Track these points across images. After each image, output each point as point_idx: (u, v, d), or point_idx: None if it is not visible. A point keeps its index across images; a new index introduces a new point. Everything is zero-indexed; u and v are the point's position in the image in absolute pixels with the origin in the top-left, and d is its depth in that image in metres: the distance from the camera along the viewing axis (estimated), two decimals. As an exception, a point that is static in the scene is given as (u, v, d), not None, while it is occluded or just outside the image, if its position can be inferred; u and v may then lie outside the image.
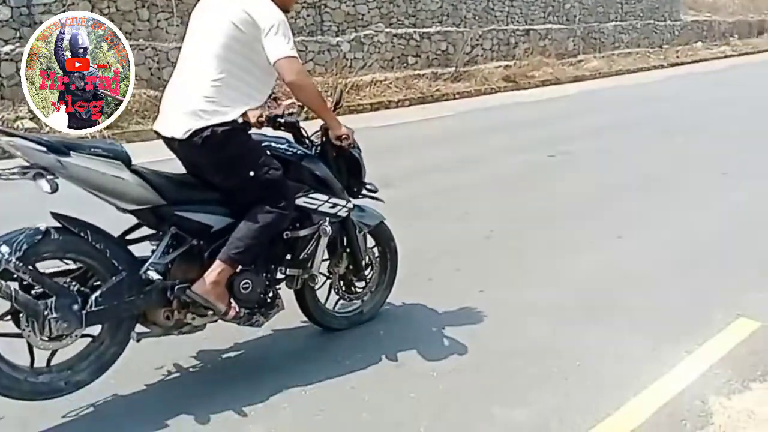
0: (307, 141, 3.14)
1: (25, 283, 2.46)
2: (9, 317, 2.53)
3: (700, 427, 2.64)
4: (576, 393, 2.86)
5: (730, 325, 3.46)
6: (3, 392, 2.49)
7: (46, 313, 2.46)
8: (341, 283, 3.41)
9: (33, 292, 2.49)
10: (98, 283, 2.61)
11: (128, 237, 2.82)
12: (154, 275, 2.64)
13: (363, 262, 3.38)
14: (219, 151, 2.71)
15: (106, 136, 7.62)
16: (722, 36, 24.57)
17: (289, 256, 3.08)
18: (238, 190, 2.82)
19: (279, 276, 3.07)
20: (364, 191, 3.32)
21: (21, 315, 2.49)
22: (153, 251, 2.75)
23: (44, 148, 2.40)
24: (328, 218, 3.07)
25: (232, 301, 2.85)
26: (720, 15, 25.46)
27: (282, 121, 3.12)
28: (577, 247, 4.64)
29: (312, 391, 2.88)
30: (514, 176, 6.78)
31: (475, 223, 5.20)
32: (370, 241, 3.50)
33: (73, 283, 2.57)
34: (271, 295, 3.04)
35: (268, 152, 2.88)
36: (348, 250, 3.32)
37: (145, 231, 2.85)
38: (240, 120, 2.77)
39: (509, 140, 8.64)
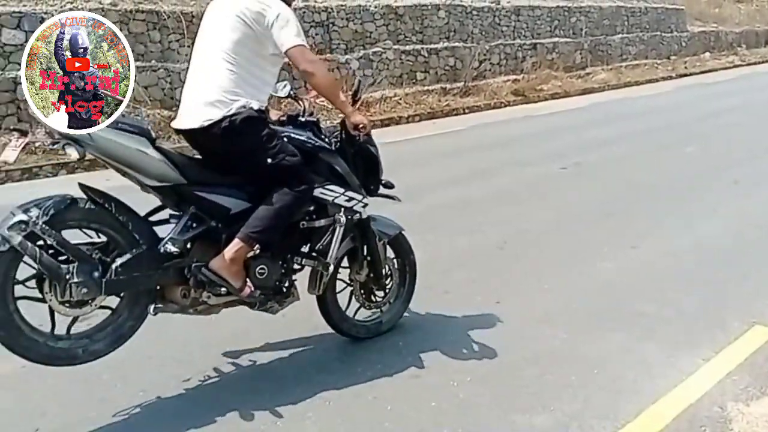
0: (326, 139, 3.19)
1: (49, 246, 2.53)
2: (34, 281, 2.60)
3: (719, 433, 2.67)
4: (595, 400, 2.89)
5: (746, 333, 3.49)
6: (21, 352, 2.56)
7: (68, 277, 2.53)
8: (362, 291, 3.47)
9: (57, 258, 2.56)
10: (120, 255, 2.67)
11: (152, 218, 2.89)
12: (171, 248, 2.71)
13: (383, 271, 3.44)
14: (237, 140, 2.79)
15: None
16: (730, 46, 24.59)
17: (305, 248, 3.14)
18: (258, 176, 2.89)
19: (295, 266, 3.13)
20: (381, 190, 3.37)
21: (45, 280, 2.57)
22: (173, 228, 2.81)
23: None
24: (343, 210, 3.12)
25: (248, 281, 2.91)
26: (726, 26, 25.48)
27: (302, 120, 3.18)
28: (591, 257, 4.67)
29: (335, 401, 2.93)
30: (527, 188, 6.83)
31: (488, 235, 5.25)
32: (390, 253, 3.55)
33: (96, 251, 2.64)
34: (286, 284, 3.10)
35: (285, 140, 2.94)
36: (369, 258, 3.38)
37: (168, 214, 2.92)
38: (256, 107, 2.84)
39: (520, 153, 8.70)
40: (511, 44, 16.61)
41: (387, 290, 3.53)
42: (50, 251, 2.54)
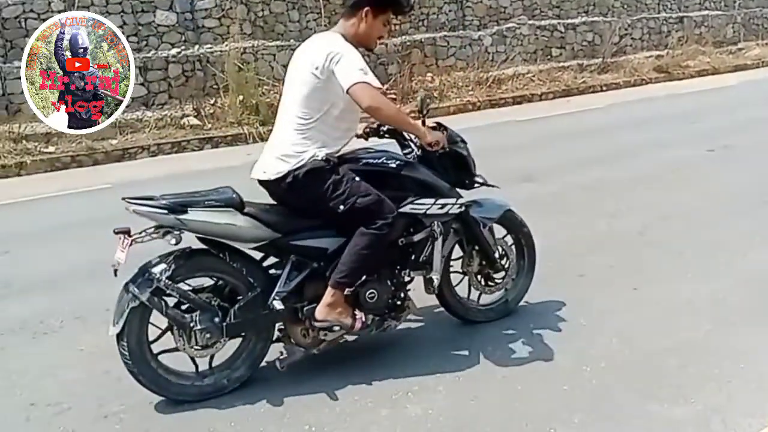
0: (411, 145, 3.16)
1: (174, 298, 2.80)
2: (167, 333, 2.88)
3: None
4: (740, 395, 2.74)
5: None
6: (175, 397, 2.86)
7: (192, 325, 2.79)
8: (479, 277, 3.47)
9: (181, 308, 2.83)
10: (237, 299, 2.88)
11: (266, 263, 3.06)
12: (278, 305, 2.87)
13: (495, 255, 3.41)
14: (304, 192, 2.85)
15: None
16: None
17: (413, 257, 3.15)
18: (337, 220, 2.92)
19: (406, 279, 3.17)
20: (476, 183, 3.31)
21: (174, 330, 2.84)
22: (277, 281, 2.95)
23: (165, 211, 2.72)
24: (437, 220, 3.10)
25: (357, 313, 2.98)
26: None
27: (384, 129, 3.18)
28: (740, 246, 4.39)
29: (464, 378, 2.97)
30: (669, 172, 6.48)
31: (627, 219, 5.05)
32: (501, 231, 3.51)
33: (215, 298, 2.88)
34: (401, 297, 3.16)
35: (356, 178, 2.91)
36: (476, 247, 3.37)
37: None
38: (322, 156, 2.85)
39: (663, 134, 8.27)
40: (656, 18, 15.73)
41: (506, 270, 3.49)
42: (175, 303, 2.81)
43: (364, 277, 2.99)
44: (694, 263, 4.16)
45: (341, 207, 2.84)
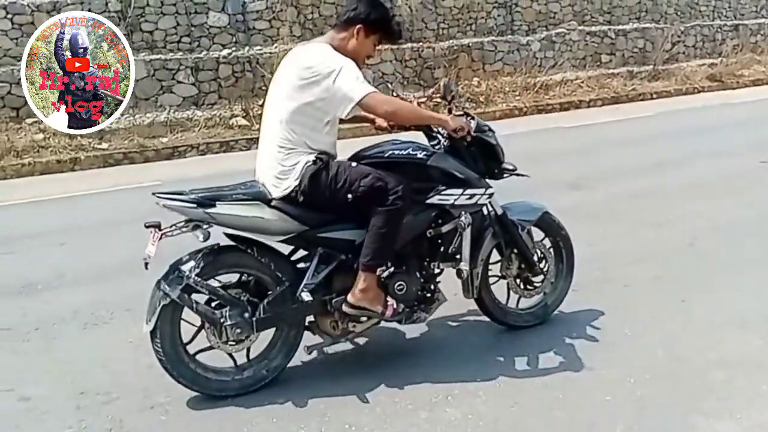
0: (438, 136, 3.15)
1: (204, 295, 2.84)
2: (201, 332, 2.93)
3: None
4: (792, 414, 2.67)
5: None
6: (218, 393, 2.91)
7: (222, 320, 2.82)
8: (518, 281, 3.44)
9: (211, 305, 2.87)
10: (266, 294, 2.91)
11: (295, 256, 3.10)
12: (306, 297, 2.88)
13: (534, 258, 3.38)
14: (314, 195, 2.84)
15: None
16: None
17: (441, 249, 3.12)
18: (349, 210, 2.91)
19: (435, 271, 3.16)
20: (506, 172, 3.25)
21: (206, 327, 2.88)
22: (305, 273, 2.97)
23: (194, 204, 2.77)
24: (466, 210, 3.07)
25: (389, 300, 2.99)
26: None
27: None
28: (793, 261, 4.26)
29: (505, 384, 2.96)
30: (721, 182, 6.32)
31: (676, 230, 4.95)
32: (539, 234, 3.47)
33: (244, 293, 2.92)
34: (430, 289, 3.14)
35: (352, 164, 2.91)
36: (515, 250, 3.34)
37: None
38: (313, 159, 2.85)
39: (715, 143, 8.08)
40: (710, 25, 15.37)
41: (545, 273, 3.46)
42: (206, 300, 2.85)
43: (392, 268, 2.98)
44: (744, 276, 4.05)
45: (349, 196, 2.83)
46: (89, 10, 9.47)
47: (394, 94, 3.25)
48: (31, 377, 3.19)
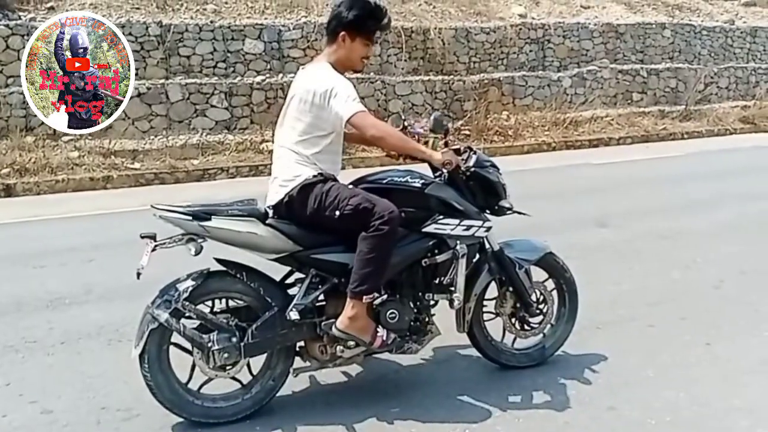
0: (441, 167, 3.12)
1: (192, 320, 2.86)
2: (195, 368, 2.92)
3: None
4: (818, 466, 2.61)
5: None
6: (234, 417, 2.91)
7: (210, 345, 2.82)
8: (513, 320, 3.37)
9: (200, 329, 2.88)
10: (255, 319, 2.92)
11: (288, 280, 3.11)
12: (294, 315, 2.87)
13: (531, 298, 3.32)
14: (302, 208, 2.88)
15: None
16: None
17: (436, 279, 3.11)
18: (338, 231, 2.92)
19: (430, 302, 3.11)
20: (505, 210, 3.20)
21: (194, 354, 2.88)
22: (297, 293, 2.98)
23: (189, 217, 2.83)
24: (463, 242, 3.04)
25: (378, 330, 2.95)
26: None
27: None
28: (824, 308, 4.17)
29: (524, 420, 2.93)
30: (753, 225, 6.24)
31: (703, 272, 4.90)
32: (542, 275, 3.43)
33: (232, 318, 2.92)
34: (424, 320, 3.11)
35: (347, 185, 2.94)
36: (510, 288, 3.30)
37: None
38: (314, 174, 2.91)
39: (747, 186, 7.99)
40: (744, 67, 15.28)
41: (544, 314, 3.39)
42: (193, 324, 2.86)
43: (385, 296, 2.97)
44: (772, 322, 3.98)
45: (336, 213, 2.84)
46: (130, 34, 9.80)
47: (406, 123, 3.28)
48: (55, 390, 3.24)
